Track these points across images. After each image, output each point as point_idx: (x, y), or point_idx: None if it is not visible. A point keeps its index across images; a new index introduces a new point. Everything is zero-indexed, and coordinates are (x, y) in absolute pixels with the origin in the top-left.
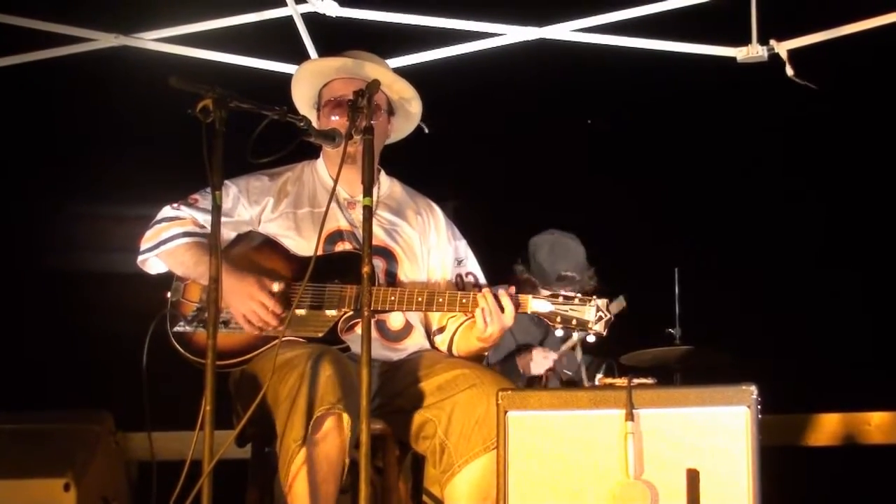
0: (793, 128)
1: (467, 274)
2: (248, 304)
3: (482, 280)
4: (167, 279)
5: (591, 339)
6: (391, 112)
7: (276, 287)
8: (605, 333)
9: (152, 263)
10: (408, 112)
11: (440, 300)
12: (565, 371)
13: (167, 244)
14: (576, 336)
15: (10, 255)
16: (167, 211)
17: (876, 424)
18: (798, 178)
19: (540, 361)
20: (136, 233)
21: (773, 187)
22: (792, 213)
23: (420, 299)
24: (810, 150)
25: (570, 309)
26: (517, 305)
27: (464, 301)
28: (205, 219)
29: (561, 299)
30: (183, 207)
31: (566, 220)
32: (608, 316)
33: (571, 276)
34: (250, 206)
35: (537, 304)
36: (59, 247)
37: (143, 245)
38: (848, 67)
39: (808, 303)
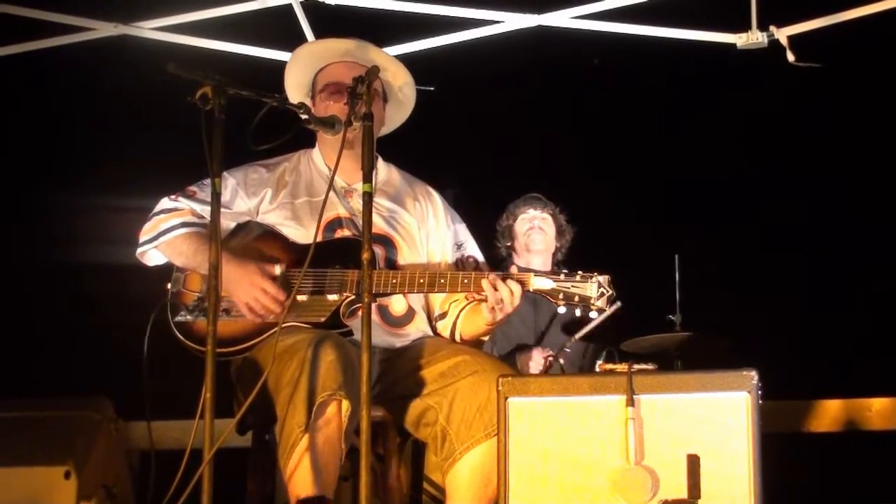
0: (793, 113)
1: (468, 257)
2: (251, 291)
3: (482, 262)
4: (168, 270)
5: (593, 314)
6: (385, 100)
7: (277, 271)
8: (607, 309)
9: (151, 255)
10: (399, 101)
11: (442, 281)
12: (546, 348)
13: (166, 235)
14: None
15: (10, 246)
16: (165, 202)
17: (877, 410)
18: (798, 164)
19: (539, 361)
20: (135, 223)
21: (774, 173)
22: (792, 198)
23: (422, 281)
24: (810, 136)
25: (573, 286)
26: (520, 284)
27: (465, 281)
28: (203, 209)
29: (562, 276)
30: (181, 199)
31: (566, 207)
32: (610, 292)
33: (538, 199)
34: (248, 199)
35: (539, 281)
36: (59, 236)
37: (142, 237)
38: (848, 53)
39: (808, 288)
